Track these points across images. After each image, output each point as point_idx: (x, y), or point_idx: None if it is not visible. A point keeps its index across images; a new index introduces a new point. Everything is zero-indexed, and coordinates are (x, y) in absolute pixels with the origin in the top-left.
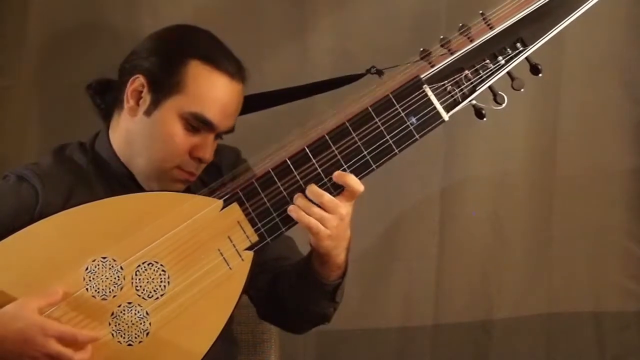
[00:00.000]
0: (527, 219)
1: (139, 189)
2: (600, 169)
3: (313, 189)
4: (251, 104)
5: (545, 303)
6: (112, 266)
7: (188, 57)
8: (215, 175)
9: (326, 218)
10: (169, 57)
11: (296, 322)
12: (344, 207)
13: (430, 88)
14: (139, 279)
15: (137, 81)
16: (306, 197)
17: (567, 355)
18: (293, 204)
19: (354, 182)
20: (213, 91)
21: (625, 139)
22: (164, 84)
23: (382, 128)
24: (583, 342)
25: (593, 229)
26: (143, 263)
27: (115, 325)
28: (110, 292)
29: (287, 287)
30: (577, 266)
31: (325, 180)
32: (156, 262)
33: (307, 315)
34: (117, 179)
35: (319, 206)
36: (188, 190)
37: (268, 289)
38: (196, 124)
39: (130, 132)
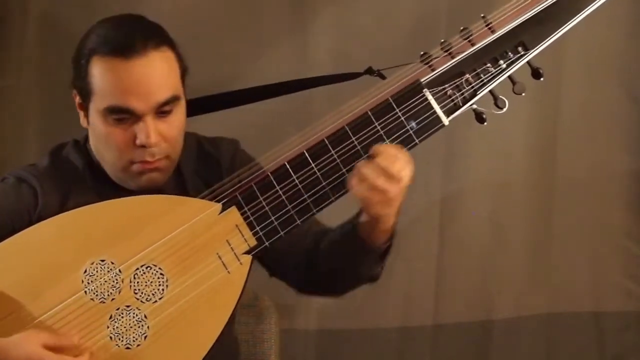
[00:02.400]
0: (527, 219)
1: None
2: (600, 169)
3: (379, 158)
4: (247, 96)
5: (545, 303)
6: (111, 269)
7: (88, 58)
8: (214, 169)
9: (387, 188)
10: (78, 64)
11: (342, 287)
12: (407, 175)
13: (430, 92)
14: (137, 282)
15: (74, 95)
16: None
17: (567, 355)
18: (290, 207)
19: (391, 150)
20: (112, 78)
21: (625, 139)
22: (83, 91)
23: (381, 132)
24: (583, 342)
25: (593, 229)
26: (141, 266)
27: (114, 329)
28: (108, 295)
29: (331, 257)
30: (577, 266)
31: (324, 183)
32: (154, 266)
33: (355, 277)
34: (109, 180)
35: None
36: (185, 188)
37: (307, 263)
38: (116, 115)
39: (91, 142)
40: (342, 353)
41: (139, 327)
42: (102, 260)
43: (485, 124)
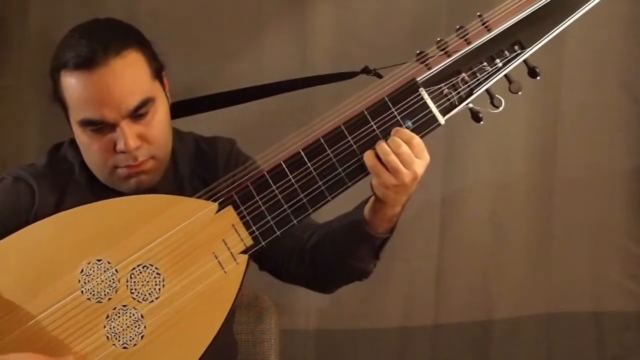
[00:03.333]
0: (527, 219)
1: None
2: (600, 169)
3: (393, 138)
4: (245, 96)
5: (545, 303)
6: (107, 269)
7: (58, 73)
8: (210, 167)
9: (402, 171)
10: (53, 79)
11: (333, 280)
12: (417, 165)
13: (426, 91)
14: (134, 282)
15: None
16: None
17: (567, 355)
18: (286, 206)
19: (406, 134)
20: (80, 92)
21: (625, 139)
22: (61, 104)
23: (377, 132)
24: (583, 342)
25: (593, 229)
26: (138, 266)
27: (110, 328)
28: (105, 294)
29: (327, 242)
30: (577, 266)
31: (320, 183)
32: (151, 265)
33: (347, 271)
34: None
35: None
36: (182, 188)
37: (301, 248)
38: (92, 127)
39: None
40: (342, 353)
41: (135, 326)
42: (99, 260)
43: (481, 122)
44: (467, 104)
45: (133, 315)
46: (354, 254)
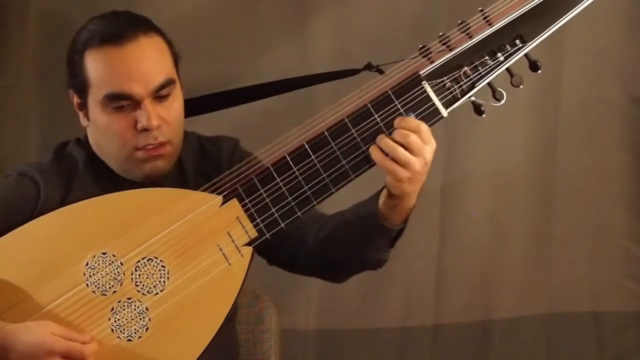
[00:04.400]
0: (527, 218)
1: (127, 181)
2: (600, 169)
3: (400, 131)
4: (247, 95)
5: (545, 303)
6: (112, 262)
7: (82, 53)
8: (214, 166)
9: (412, 161)
10: (72, 63)
11: (346, 270)
12: (427, 151)
13: (429, 84)
14: (139, 275)
15: (72, 96)
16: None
17: (567, 355)
18: (291, 199)
19: (413, 122)
20: (107, 66)
21: (625, 138)
22: (80, 87)
23: (381, 124)
24: (583, 342)
25: (593, 229)
26: (143, 259)
27: (115, 321)
28: (110, 287)
29: (341, 234)
30: (577, 266)
31: (325, 175)
32: (156, 258)
33: (362, 261)
34: (110, 173)
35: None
36: (186, 185)
37: (311, 240)
38: (115, 103)
39: (92, 139)
40: (342, 353)
41: (140, 319)
42: (104, 253)
43: (483, 115)
44: (469, 97)
45: (138, 307)
46: (369, 245)
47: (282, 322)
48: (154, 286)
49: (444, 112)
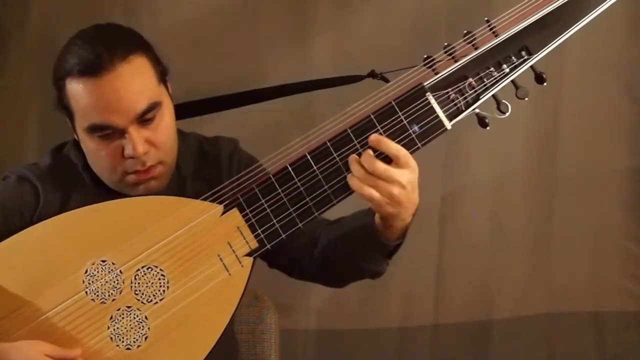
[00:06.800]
0: (527, 219)
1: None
2: (600, 169)
3: (366, 158)
4: (249, 98)
5: (545, 303)
6: (112, 270)
7: (62, 81)
8: (213, 167)
9: (385, 187)
10: (57, 87)
11: (345, 278)
12: (402, 175)
13: (433, 96)
14: (138, 283)
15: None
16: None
17: (567, 355)
18: (292, 210)
19: (391, 147)
20: (86, 98)
21: (625, 139)
22: (66, 111)
23: (384, 136)
24: (583, 342)
25: (593, 229)
26: (142, 267)
27: (114, 329)
28: (109, 295)
29: (339, 244)
30: (577, 266)
31: (326, 186)
32: (155, 267)
33: (359, 271)
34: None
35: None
36: (184, 189)
37: (312, 248)
38: (100, 133)
39: (85, 155)
40: (342, 353)
41: (139, 328)
42: (103, 261)
43: (487, 128)
44: (473, 109)
45: (137, 316)
46: (366, 257)
47: (282, 322)
48: (154, 295)
49: (448, 125)
